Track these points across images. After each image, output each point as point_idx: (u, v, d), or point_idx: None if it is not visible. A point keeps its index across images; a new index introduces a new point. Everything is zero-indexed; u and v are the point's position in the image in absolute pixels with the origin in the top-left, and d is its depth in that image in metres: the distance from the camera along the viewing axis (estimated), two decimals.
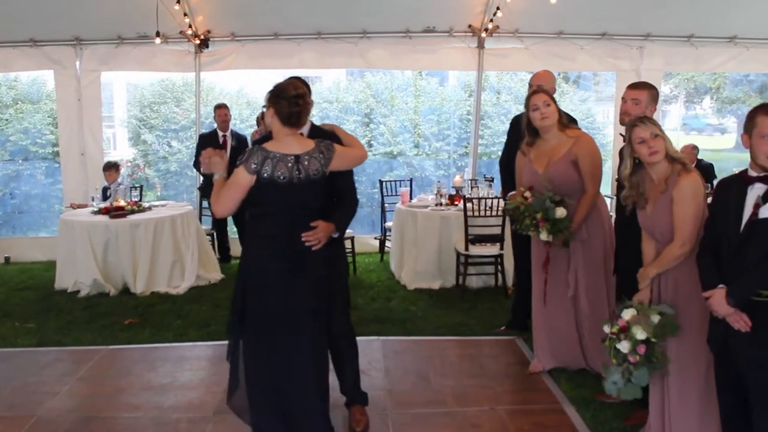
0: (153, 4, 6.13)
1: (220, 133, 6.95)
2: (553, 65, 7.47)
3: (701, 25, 6.97)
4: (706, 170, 7.24)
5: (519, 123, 4.12)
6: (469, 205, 5.50)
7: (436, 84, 12.30)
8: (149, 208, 6.34)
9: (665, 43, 7.21)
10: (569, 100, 11.68)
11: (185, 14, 6.61)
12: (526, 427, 3.38)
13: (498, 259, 5.70)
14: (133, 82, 13.13)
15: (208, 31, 7.10)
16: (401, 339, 4.72)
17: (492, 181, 6.41)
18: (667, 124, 13.63)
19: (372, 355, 4.33)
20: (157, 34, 6.46)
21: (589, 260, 3.85)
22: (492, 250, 5.63)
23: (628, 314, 2.75)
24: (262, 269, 2.85)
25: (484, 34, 7.07)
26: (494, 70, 9.46)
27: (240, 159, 2.77)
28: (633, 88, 3.51)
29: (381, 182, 7.53)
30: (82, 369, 4.23)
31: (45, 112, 11.46)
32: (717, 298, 2.39)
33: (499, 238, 5.57)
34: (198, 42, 7.09)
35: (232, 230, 7.32)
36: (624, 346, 2.70)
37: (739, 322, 2.34)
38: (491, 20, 6.84)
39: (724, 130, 16.65)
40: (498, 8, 6.60)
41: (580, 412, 3.50)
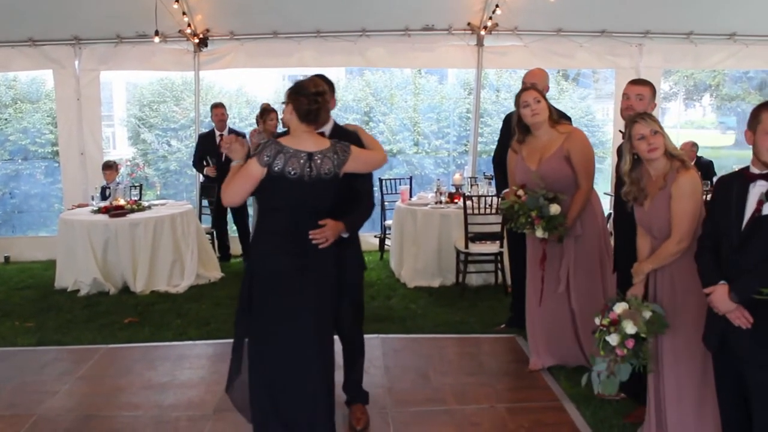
0: (152, 3, 6.12)
1: (217, 133, 6.94)
2: (553, 63, 7.48)
3: (700, 22, 6.96)
4: (706, 168, 7.23)
5: (511, 121, 4.10)
6: (469, 203, 5.50)
7: (435, 82, 12.30)
8: (149, 207, 6.34)
9: (664, 41, 7.20)
10: (569, 97, 11.66)
11: (184, 13, 6.60)
12: (525, 425, 3.38)
13: (498, 257, 5.70)
14: (132, 81, 13.12)
15: (207, 30, 7.09)
16: (401, 337, 4.72)
17: (492, 179, 6.39)
18: (667, 121, 13.60)
19: (372, 353, 4.30)
20: (156, 33, 6.45)
21: (584, 255, 3.85)
22: (492, 248, 5.63)
23: (619, 308, 2.75)
24: (267, 264, 2.84)
25: (483, 32, 7.06)
26: (493, 68, 9.46)
27: (254, 151, 2.77)
28: (636, 84, 3.50)
29: (381, 180, 7.53)
30: (82, 368, 4.23)
31: (44, 112, 11.47)
32: (718, 295, 2.38)
33: (498, 236, 5.57)
34: (197, 41, 7.08)
35: (232, 229, 7.31)
36: (613, 339, 2.70)
37: (741, 319, 2.33)
38: (490, 18, 6.83)
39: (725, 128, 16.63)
40: (497, 6, 6.59)
41: (580, 410, 3.50)
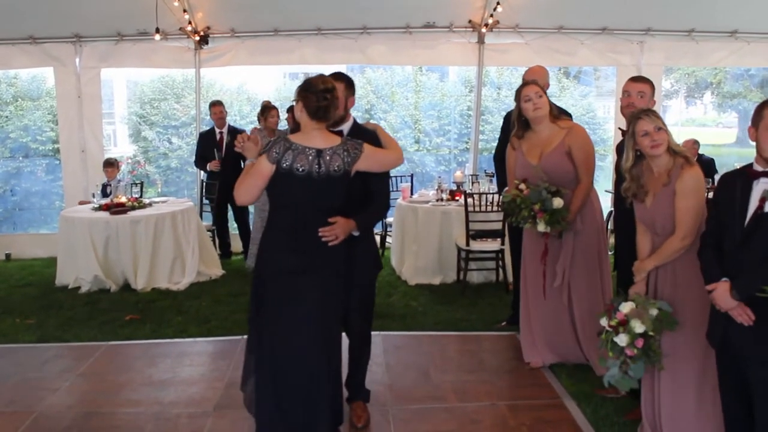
0: (152, 1, 6.11)
1: (217, 130, 6.95)
2: (554, 60, 7.47)
3: (702, 20, 6.94)
4: (708, 165, 7.21)
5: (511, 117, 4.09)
6: (470, 200, 5.49)
7: (436, 79, 12.29)
8: (150, 205, 6.34)
9: (666, 38, 7.19)
10: (570, 95, 11.65)
11: (185, 10, 6.60)
12: (526, 422, 3.38)
13: (499, 255, 5.69)
14: (133, 78, 13.13)
15: (208, 28, 7.08)
16: (402, 334, 4.72)
17: (493, 176, 6.39)
18: (668, 119, 13.58)
19: (372, 350, 4.25)
20: (157, 31, 6.44)
21: (583, 251, 3.85)
22: (493, 245, 5.63)
23: (626, 307, 2.74)
24: (274, 261, 2.84)
25: (484, 30, 7.05)
26: (494, 66, 9.47)
27: (264, 148, 2.78)
28: (637, 81, 3.49)
29: None
30: (83, 365, 4.23)
31: (45, 109, 11.48)
32: (720, 291, 2.37)
33: (500, 234, 5.56)
34: (198, 38, 7.07)
35: (233, 226, 7.32)
36: (622, 339, 2.69)
37: (742, 316, 2.33)
38: (491, 15, 6.82)
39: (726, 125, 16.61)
40: (498, 3, 6.57)
41: (581, 407, 3.49)
